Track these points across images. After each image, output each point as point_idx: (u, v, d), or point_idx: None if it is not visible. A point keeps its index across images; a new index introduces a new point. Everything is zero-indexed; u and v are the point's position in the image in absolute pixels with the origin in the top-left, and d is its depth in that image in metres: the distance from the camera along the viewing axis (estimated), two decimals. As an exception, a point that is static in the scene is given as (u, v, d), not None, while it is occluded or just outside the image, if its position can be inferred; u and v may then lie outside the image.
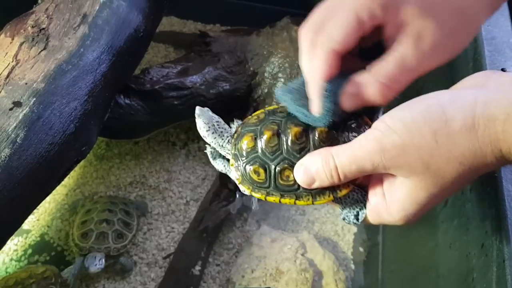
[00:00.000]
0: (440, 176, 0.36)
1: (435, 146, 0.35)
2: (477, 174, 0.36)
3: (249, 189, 0.44)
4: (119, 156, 1.00)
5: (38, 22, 0.69)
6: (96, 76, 0.69)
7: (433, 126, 0.35)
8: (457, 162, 0.35)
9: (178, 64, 0.93)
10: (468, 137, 0.34)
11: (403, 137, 0.35)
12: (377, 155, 0.36)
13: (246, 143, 0.43)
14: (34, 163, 0.60)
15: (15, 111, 0.60)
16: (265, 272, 0.82)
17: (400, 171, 0.37)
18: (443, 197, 0.38)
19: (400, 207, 0.39)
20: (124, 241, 0.85)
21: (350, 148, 0.38)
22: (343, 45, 0.39)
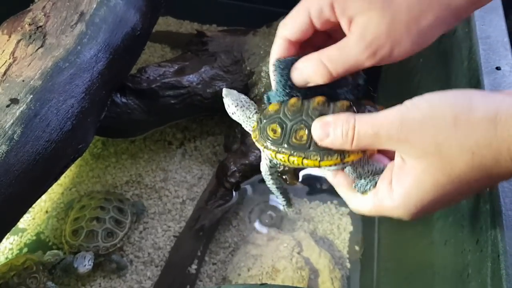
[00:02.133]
0: (450, 164, 0.36)
1: (453, 128, 0.35)
2: (488, 176, 0.36)
3: (263, 145, 0.45)
4: (115, 155, 1.00)
5: (35, 19, 0.69)
6: (93, 74, 0.69)
7: (456, 109, 0.35)
8: (470, 151, 0.35)
9: (175, 63, 0.93)
10: (487, 127, 0.34)
11: (424, 113, 0.36)
12: (395, 126, 0.37)
13: (271, 107, 0.46)
14: (31, 160, 0.60)
15: (12, 108, 0.60)
16: (261, 271, 0.82)
17: (411, 148, 0.37)
18: (448, 194, 0.37)
19: (404, 192, 0.39)
20: (114, 240, 0.84)
21: (373, 115, 0.39)
22: (293, 34, 0.44)
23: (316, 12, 0.42)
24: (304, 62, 0.44)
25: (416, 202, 0.39)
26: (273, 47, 0.46)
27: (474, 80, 0.58)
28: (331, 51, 0.42)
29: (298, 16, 0.43)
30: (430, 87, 0.76)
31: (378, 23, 0.40)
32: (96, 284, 0.84)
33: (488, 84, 0.56)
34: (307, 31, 0.44)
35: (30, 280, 0.75)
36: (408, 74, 0.87)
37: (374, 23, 0.40)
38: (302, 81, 0.45)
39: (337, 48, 0.42)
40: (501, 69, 0.57)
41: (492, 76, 0.57)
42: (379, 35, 0.40)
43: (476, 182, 0.36)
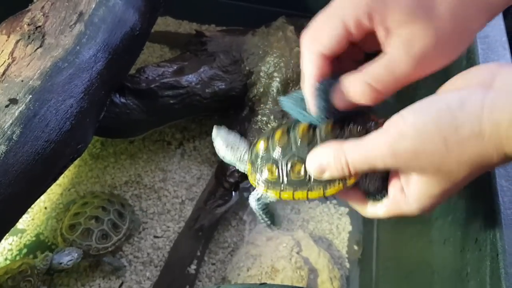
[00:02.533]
0: (453, 176, 0.38)
1: (446, 152, 0.37)
2: (487, 169, 0.39)
3: (266, 189, 0.45)
4: (114, 156, 1.00)
5: (34, 20, 0.69)
6: (92, 74, 0.69)
7: (443, 133, 0.36)
8: (467, 165, 0.37)
9: (174, 63, 0.93)
10: (476, 144, 0.36)
11: (414, 143, 0.37)
12: (389, 159, 0.38)
13: (260, 146, 0.46)
14: (30, 160, 0.60)
15: (11, 108, 0.60)
16: (260, 271, 0.82)
17: (412, 171, 0.40)
18: (456, 190, 0.40)
19: (417, 200, 0.41)
20: (107, 243, 0.83)
21: (363, 147, 0.40)
22: (329, 49, 0.41)
23: (353, 21, 0.39)
24: (349, 85, 0.41)
25: (429, 204, 0.41)
26: (306, 66, 0.43)
27: (472, 79, 0.58)
28: (376, 69, 0.40)
29: (332, 27, 0.40)
30: (429, 86, 0.76)
31: (423, 37, 0.38)
32: (95, 285, 0.84)
33: (486, 84, 0.56)
34: (343, 43, 0.41)
35: (24, 284, 0.75)
36: (407, 74, 0.87)
37: (419, 36, 0.38)
38: (347, 105, 0.42)
39: (383, 66, 0.40)
40: (500, 68, 0.58)
41: (491, 76, 0.57)
42: (427, 50, 0.39)
43: (477, 175, 0.39)
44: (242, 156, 0.49)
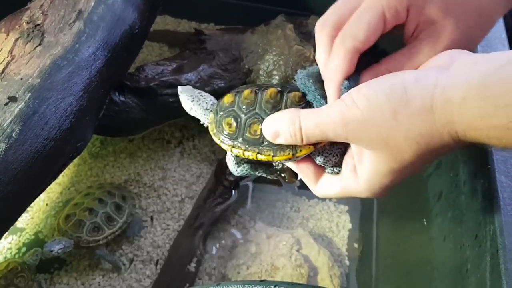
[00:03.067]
0: (399, 153, 0.37)
1: (394, 124, 0.36)
2: (437, 153, 0.38)
3: (219, 139, 0.46)
4: (114, 154, 1.00)
5: (33, 18, 0.69)
6: (91, 72, 0.69)
7: (394, 105, 0.36)
8: (415, 141, 0.36)
9: (173, 61, 0.93)
10: (426, 118, 0.35)
11: (364, 113, 0.37)
12: (339, 127, 0.38)
13: (226, 98, 0.46)
14: (29, 158, 0.60)
15: (10, 106, 0.60)
16: (260, 268, 0.82)
17: (361, 143, 0.39)
18: (405, 173, 0.39)
19: (366, 180, 0.41)
20: (98, 236, 0.82)
21: (317, 114, 0.39)
22: (365, 44, 0.40)
23: (393, 14, 0.39)
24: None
25: (378, 184, 0.41)
26: (334, 62, 0.41)
27: (472, 76, 0.58)
28: (399, 60, 0.41)
29: (371, 20, 0.39)
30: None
31: (452, 32, 0.40)
32: (95, 283, 0.84)
33: (486, 80, 0.56)
34: (377, 37, 0.40)
35: (17, 280, 0.75)
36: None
37: (448, 32, 0.40)
38: None
39: (406, 57, 0.40)
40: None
41: (490, 72, 0.57)
42: (452, 44, 0.40)
43: (426, 159, 0.38)
44: (208, 106, 0.49)
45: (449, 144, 0.36)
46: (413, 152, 0.37)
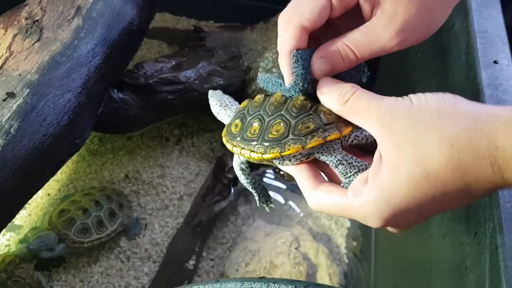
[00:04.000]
0: (427, 155, 0.34)
1: (436, 119, 0.35)
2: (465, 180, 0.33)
3: (225, 139, 0.46)
4: (112, 151, 1.00)
5: (32, 14, 0.69)
6: (90, 68, 0.68)
7: (441, 103, 0.35)
8: (449, 143, 0.33)
9: (172, 59, 0.93)
10: (468, 120, 0.34)
11: (413, 103, 0.36)
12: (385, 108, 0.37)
13: (243, 103, 0.48)
14: (27, 154, 0.60)
15: (8, 102, 0.60)
16: (259, 266, 0.82)
17: (391, 135, 0.36)
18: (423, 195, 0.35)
19: (378, 185, 0.36)
20: (85, 238, 0.81)
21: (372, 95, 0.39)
22: (310, 21, 0.40)
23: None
24: (327, 47, 0.41)
25: (389, 197, 0.36)
26: (284, 37, 0.42)
27: (472, 74, 0.58)
28: (357, 36, 0.41)
29: (315, 1, 0.40)
30: (428, 81, 0.76)
31: (407, 8, 0.39)
32: (93, 280, 0.84)
33: (485, 78, 0.56)
34: (324, 16, 0.41)
35: (18, 271, 0.75)
36: (406, 69, 0.87)
37: (403, 7, 0.39)
38: (326, 70, 0.42)
39: (364, 33, 0.40)
40: (499, 63, 0.58)
41: (490, 70, 0.57)
42: (409, 20, 0.39)
43: (453, 184, 0.34)
44: (232, 114, 0.51)
45: (483, 165, 0.33)
46: (442, 158, 0.33)
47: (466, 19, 0.64)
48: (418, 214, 0.36)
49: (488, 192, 0.35)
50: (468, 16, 0.63)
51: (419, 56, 0.82)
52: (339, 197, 0.39)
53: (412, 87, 0.82)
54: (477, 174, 0.33)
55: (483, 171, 0.33)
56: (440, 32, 0.72)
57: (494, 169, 0.33)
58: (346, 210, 0.39)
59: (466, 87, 0.59)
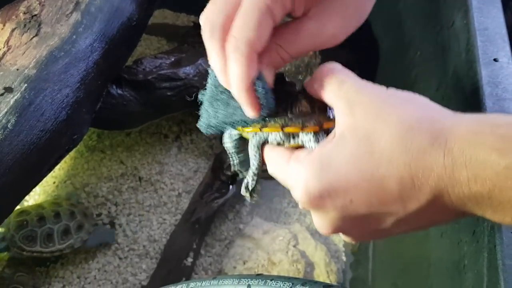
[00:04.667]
0: (381, 130, 0.31)
1: (405, 103, 0.32)
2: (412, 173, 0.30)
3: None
4: (111, 148, 1.00)
5: (30, 8, 0.68)
6: (88, 63, 0.68)
7: (416, 96, 0.34)
8: (408, 125, 0.30)
9: (171, 55, 0.92)
10: (436, 113, 0.32)
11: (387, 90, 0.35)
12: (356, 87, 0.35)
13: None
14: (25, 150, 0.60)
15: (6, 97, 0.60)
16: (257, 263, 0.82)
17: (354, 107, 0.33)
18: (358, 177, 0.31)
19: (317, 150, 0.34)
20: (27, 246, 0.76)
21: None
22: (260, 42, 0.36)
23: (279, 6, 0.36)
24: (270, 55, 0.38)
25: (323, 166, 0.32)
26: (237, 72, 0.36)
27: (472, 72, 0.58)
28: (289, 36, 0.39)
29: (258, 19, 0.35)
30: (428, 80, 0.76)
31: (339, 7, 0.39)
32: (91, 276, 0.84)
33: (486, 76, 0.56)
34: (271, 31, 0.37)
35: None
36: (405, 68, 0.87)
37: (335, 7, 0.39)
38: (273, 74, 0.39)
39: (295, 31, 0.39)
40: (499, 61, 0.57)
41: (490, 68, 0.57)
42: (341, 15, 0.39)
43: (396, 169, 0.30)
44: None
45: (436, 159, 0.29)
46: (396, 137, 0.30)
47: (466, 17, 0.64)
48: (348, 201, 0.32)
49: (431, 203, 0.30)
50: (469, 13, 0.63)
51: (419, 54, 0.82)
52: (282, 159, 0.37)
53: (411, 85, 0.81)
54: (426, 164, 0.29)
55: (433, 161, 0.29)
56: (440, 30, 0.72)
57: (445, 161, 0.29)
58: (284, 175, 0.36)
59: (466, 84, 0.59)
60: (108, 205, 0.92)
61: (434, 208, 0.30)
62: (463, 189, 0.29)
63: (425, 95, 0.36)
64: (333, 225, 0.35)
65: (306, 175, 0.33)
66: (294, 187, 0.34)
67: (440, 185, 0.29)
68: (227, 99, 0.40)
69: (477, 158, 0.28)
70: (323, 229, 0.36)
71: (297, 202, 0.35)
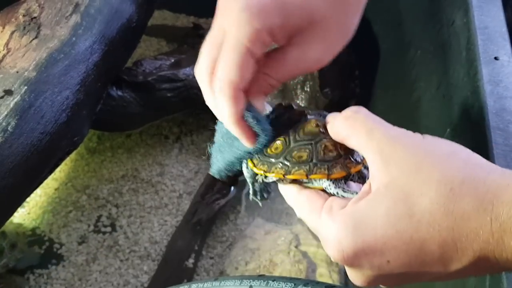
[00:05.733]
0: (419, 191, 0.29)
1: (445, 159, 0.30)
2: (459, 235, 0.28)
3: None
4: (111, 150, 0.99)
5: (30, 11, 0.69)
6: (88, 65, 0.68)
7: (455, 147, 0.31)
8: (450, 186, 0.29)
9: (171, 56, 0.92)
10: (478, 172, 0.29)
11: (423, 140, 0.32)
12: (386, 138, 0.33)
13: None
14: (25, 152, 0.60)
15: (6, 99, 0.60)
16: (259, 264, 0.82)
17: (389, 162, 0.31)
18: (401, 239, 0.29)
19: (350, 209, 0.32)
20: None
21: None
22: (245, 81, 0.37)
23: (259, 47, 0.36)
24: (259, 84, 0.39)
25: (357, 226, 0.31)
26: (226, 108, 0.37)
27: (472, 70, 0.58)
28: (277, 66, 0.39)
29: (237, 59, 0.36)
30: (428, 79, 0.76)
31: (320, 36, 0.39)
32: (92, 279, 0.84)
33: (486, 74, 0.56)
34: (253, 68, 0.37)
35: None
36: (406, 67, 0.86)
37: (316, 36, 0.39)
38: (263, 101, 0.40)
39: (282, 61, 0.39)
40: (499, 59, 0.57)
41: (491, 66, 0.57)
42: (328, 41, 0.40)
43: (438, 234, 0.28)
44: None
45: (482, 224, 0.27)
46: (436, 198, 0.28)
47: (466, 15, 0.63)
48: (385, 262, 0.30)
49: (473, 265, 0.28)
50: (469, 12, 0.63)
51: (419, 53, 0.81)
52: (312, 207, 0.36)
53: (412, 84, 0.81)
54: (470, 228, 0.28)
55: (479, 226, 0.27)
56: (441, 29, 0.72)
57: (493, 226, 0.27)
58: (316, 225, 0.35)
59: (467, 83, 0.59)
60: (109, 207, 0.92)
61: (477, 268, 0.29)
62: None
63: (425, 94, 0.35)
64: (368, 281, 0.33)
65: (339, 233, 0.31)
66: (326, 242, 0.33)
67: (485, 249, 0.28)
68: (231, 140, 0.42)
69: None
70: (358, 283, 0.34)
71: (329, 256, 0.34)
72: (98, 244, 0.87)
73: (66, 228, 0.89)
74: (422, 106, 0.74)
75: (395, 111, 0.88)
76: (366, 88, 0.99)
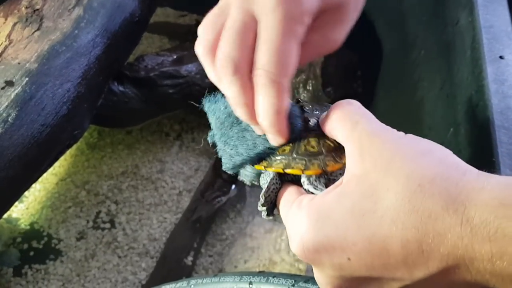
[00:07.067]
0: (386, 186, 0.28)
1: (418, 156, 0.28)
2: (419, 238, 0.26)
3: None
4: (112, 146, 0.99)
5: (32, 3, 0.68)
6: (90, 58, 0.68)
7: (434, 146, 0.30)
8: (417, 183, 0.27)
9: (174, 52, 0.92)
10: (453, 171, 0.27)
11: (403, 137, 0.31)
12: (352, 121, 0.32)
13: None
14: (25, 144, 0.59)
15: (7, 90, 0.59)
16: (258, 263, 0.82)
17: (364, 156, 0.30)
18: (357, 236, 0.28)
19: (316, 199, 0.31)
20: None
21: None
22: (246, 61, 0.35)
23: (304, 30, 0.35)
24: None
25: (320, 217, 0.29)
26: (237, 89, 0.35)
27: (477, 69, 0.58)
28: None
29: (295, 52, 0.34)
30: (432, 79, 0.76)
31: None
32: (90, 275, 0.83)
33: (491, 73, 0.55)
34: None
35: None
36: (409, 67, 0.86)
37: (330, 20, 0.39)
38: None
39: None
40: (505, 58, 0.57)
41: (496, 65, 0.56)
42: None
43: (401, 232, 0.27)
44: None
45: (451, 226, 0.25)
46: (402, 194, 0.27)
47: (471, 14, 0.63)
48: (346, 260, 0.28)
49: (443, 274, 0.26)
50: (474, 11, 0.63)
51: (423, 53, 0.81)
52: (287, 201, 0.34)
53: (415, 84, 0.81)
54: (437, 229, 0.25)
55: (447, 228, 0.25)
56: (445, 28, 0.72)
57: (463, 230, 0.25)
58: (285, 218, 0.33)
59: (471, 82, 0.58)
60: (108, 203, 0.91)
61: (449, 279, 0.27)
62: (484, 265, 0.25)
63: (429, 94, 0.34)
64: (331, 283, 0.31)
65: (302, 226, 0.30)
66: (289, 235, 0.31)
67: (454, 255, 0.25)
68: (240, 132, 0.40)
69: (505, 233, 0.24)
70: (321, 285, 0.32)
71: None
72: (96, 240, 0.87)
73: (65, 223, 0.89)
74: (426, 106, 0.74)
75: (398, 110, 0.88)
76: (368, 87, 0.98)
